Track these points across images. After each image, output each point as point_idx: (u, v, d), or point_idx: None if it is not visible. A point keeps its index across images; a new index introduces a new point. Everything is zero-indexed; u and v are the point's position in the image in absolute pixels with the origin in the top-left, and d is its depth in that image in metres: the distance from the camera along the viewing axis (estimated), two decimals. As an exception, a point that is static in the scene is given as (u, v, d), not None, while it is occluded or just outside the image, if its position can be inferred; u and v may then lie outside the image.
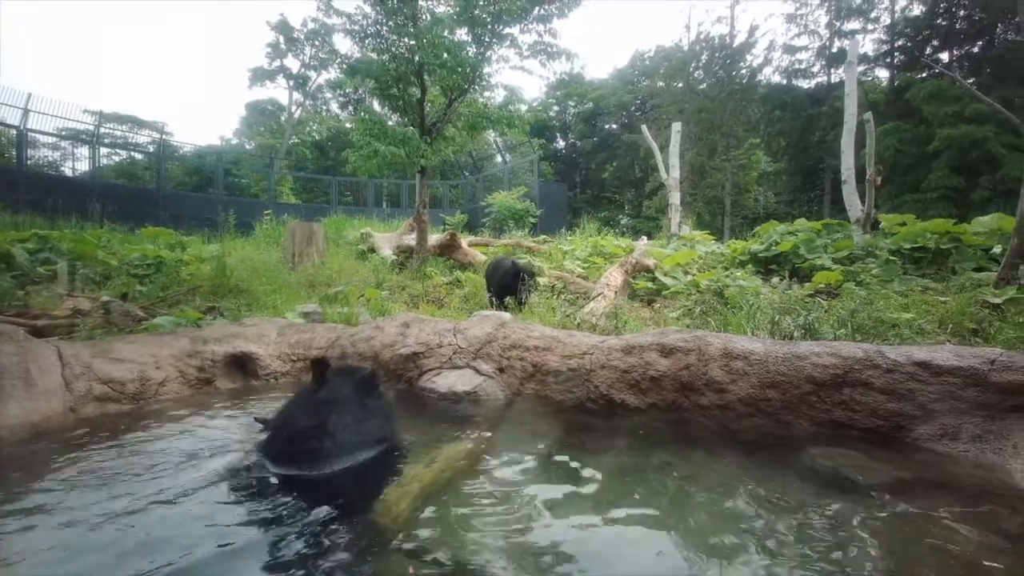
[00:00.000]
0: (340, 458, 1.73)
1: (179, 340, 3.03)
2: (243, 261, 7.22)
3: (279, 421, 1.87)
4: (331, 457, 1.71)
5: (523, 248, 10.10)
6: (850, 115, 8.41)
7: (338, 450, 1.73)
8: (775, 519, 1.56)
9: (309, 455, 1.71)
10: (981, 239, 6.36)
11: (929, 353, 2.15)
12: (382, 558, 1.38)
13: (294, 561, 1.33)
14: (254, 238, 11.79)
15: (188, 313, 4.04)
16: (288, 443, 1.75)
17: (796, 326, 3.30)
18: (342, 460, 1.73)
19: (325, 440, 1.72)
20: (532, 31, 8.24)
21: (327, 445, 1.72)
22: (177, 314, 4.06)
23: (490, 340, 3.04)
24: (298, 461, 1.72)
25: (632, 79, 39.73)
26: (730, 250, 8.30)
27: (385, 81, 8.19)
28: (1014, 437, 1.98)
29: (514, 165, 24.09)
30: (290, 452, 1.74)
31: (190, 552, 1.34)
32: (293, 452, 1.73)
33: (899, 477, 1.80)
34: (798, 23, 30.61)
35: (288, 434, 1.78)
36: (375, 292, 5.59)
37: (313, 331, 3.50)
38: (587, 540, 1.48)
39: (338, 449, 1.73)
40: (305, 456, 1.71)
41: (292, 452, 1.73)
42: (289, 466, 1.72)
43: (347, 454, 1.75)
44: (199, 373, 2.94)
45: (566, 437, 2.36)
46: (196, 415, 2.51)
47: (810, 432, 2.26)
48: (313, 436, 1.73)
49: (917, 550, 1.39)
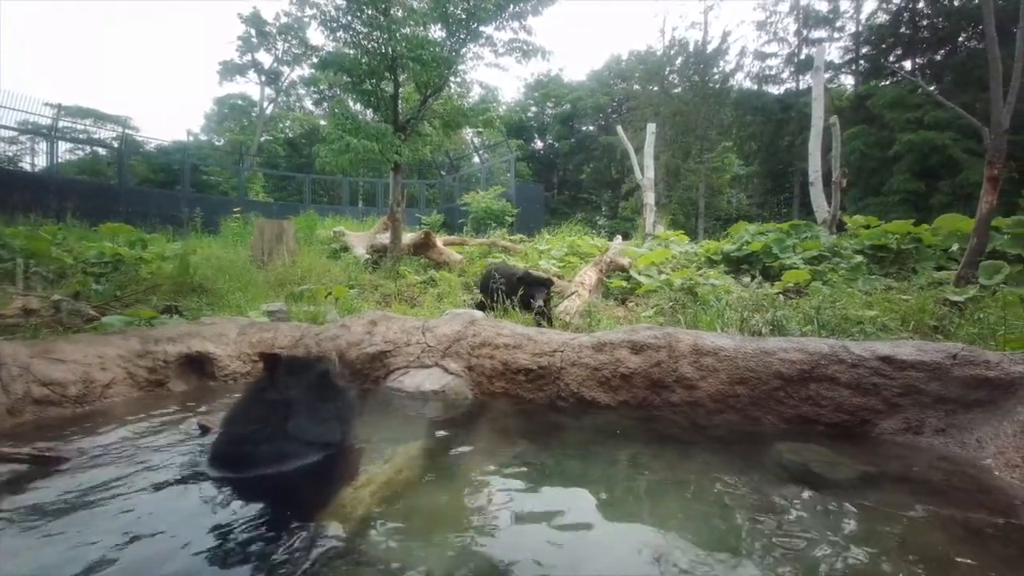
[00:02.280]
0: (291, 459, 1.64)
1: (128, 340, 2.86)
2: (208, 259, 6.97)
3: (227, 422, 1.76)
4: (281, 458, 1.62)
5: (499, 247, 10.04)
6: (817, 119, 8.63)
7: (288, 451, 1.63)
8: (743, 516, 1.53)
9: (257, 457, 1.61)
10: (940, 240, 6.58)
11: (892, 348, 2.17)
12: (332, 564, 1.30)
13: (239, 570, 1.23)
14: (222, 236, 11.43)
15: (140, 312, 3.85)
16: (235, 445, 1.65)
17: (764, 323, 3.32)
18: (293, 461, 1.64)
19: (274, 441, 1.63)
20: (507, 28, 8.19)
21: (276, 446, 1.62)
22: (129, 313, 3.86)
23: (459, 338, 2.97)
24: (245, 463, 1.62)
25: (609, 81, 40.14)
26: (703, 250, 8.41)
27: (358, 76, 8.03)
28: (977, 431, 2.01)
29: (491, 165, 24.03)
30: (237, 454, 1.64)
31: (124, 561, 1.24)
32: (240, 454, 1.63)
33: (865, 471, 1.80)
34: (768, 30, 31.48)
35: (235, 436, 1.67)
36: (344, 290, 5.45)
37: (276, 330, 3.37)
38: (552, 541, 1.43)
39: (288, 450, 1.63)
40: (252, 458, 1.61)
41: (239, 454, 1.63)
42: (236, 469, 1.62)
43: (298, 455, 1.66)
44: (149, 375, 2.78)
45: (534, 436, 2.31)
46: (141, 418, 2.36)
47: (778, 428, 2.26)
48: (262, 437, 1.63)
49: (883, 545, 1.37)
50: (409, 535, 1.44)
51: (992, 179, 5.37)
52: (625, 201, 32.52)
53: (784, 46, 31.44)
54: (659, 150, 22.93)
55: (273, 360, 1.78)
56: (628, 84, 38.30)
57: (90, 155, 25.46)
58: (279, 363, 1.79)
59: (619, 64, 40.14)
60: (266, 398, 1.73)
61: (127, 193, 17.81)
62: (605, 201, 38.13)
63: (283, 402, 1.71)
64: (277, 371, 1.77)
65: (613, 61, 40.69)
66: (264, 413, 1.69)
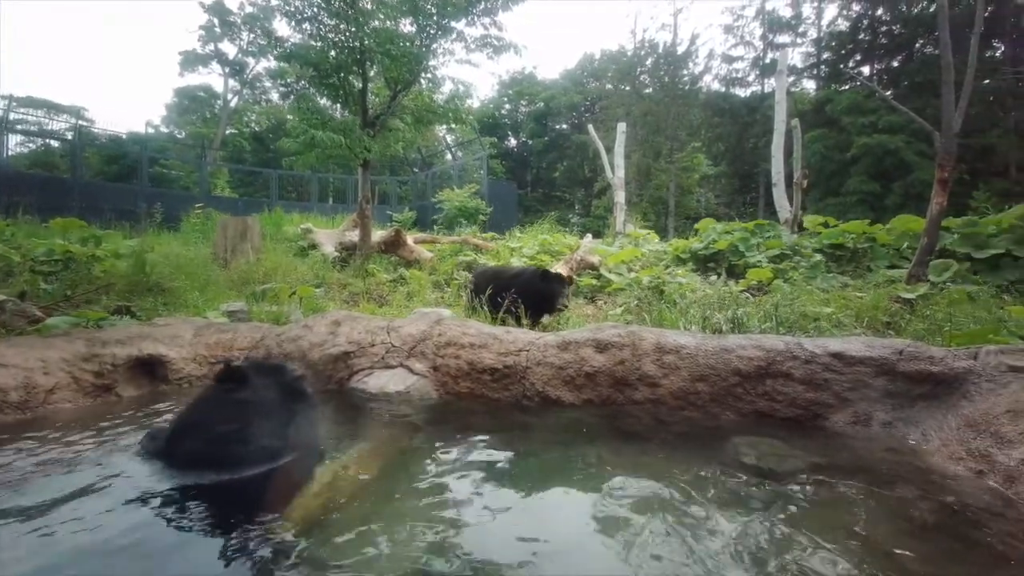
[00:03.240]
0: (245, 464, 1.58)
1: (73, 343, 2.72)
2: (167, 257, 6.70)
3: (178, 425, 1.69)
4: (234, 463, 1.56)
5: (471, 245, 9.99)
6: (780, 122, 8.89)
7: (243, 455, 1.58)
8: (700, 512, 1.56)
9: (210, 461, 1.55)
10: (893, 239, 6.87)
11: (843, 344, 2.25)
12: (285, 571, 1.26)
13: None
14: (183, 233, 11.03)
15: (89, 313, 3.67)
16: (187, 449, 1.59)
17: (725, 320, 3.40)
18: (247, 466, 1.58)
19: (228, 444, 1.57)
20: (478, 24, 8.14)
21: (230, 450, 1.57)
22: (77, 314, 3.68)
23: (425, 338, 2.93)
24: (197, 468, 1.56)
25: (582, 80, 40.44)
26: (672, 248, 8.56)
27: (324, 69, 7.85)
28: (922, 424, 2.10)
29: (464, 163, 23.86)
30: (190, 458, 1.57)
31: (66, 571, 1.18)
32: (193, 458, 1.57)
33: (815, 463, 1.86)
34: (735, 34, 32.26)
35: (188, 439, 1.61)
36: (308, 289, 5.32)
37: (235, 331, 3.27)
38: (514, 542, 1.42)
39: (243, 454, 1.58)
40: (205, 462, 1.55)
41: (192, 458, 1.57)
42: (187, 474, 1.56)
43: (253, 459, 1.60)
44: (96, 379, 2.65)
45: (499, 436, 2.30)
46: (83, 425, 2.25)
47: (736, 423, 2.31)
48: (216, 440, 1.57)
49: (831, 536, 1.42)
50: (367, 539, 1.41)
51: (942, 181, 5.63)
52: (598, 199, 32.86)
53: (750, 50, 32.31)
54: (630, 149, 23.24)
55: (231, 371, 1.71)
56: (601, 83, 38.69)
57: (42, 148, 24.15)
58: (236, 373, 1.72)
59: (592, 63, 40.50)
60: (219, 401, 1.67)
61: (82, 187, 16.96)
62: (578, 199, 38.44)
63: (238, 405, 1.65)
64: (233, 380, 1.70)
65: (586, 60, 41.04)
66: (218, 417, 1.62)
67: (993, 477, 1.69)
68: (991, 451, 1.74)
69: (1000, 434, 1.76)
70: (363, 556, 1.32)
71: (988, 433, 1.80)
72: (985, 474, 1.72)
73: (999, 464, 1.69)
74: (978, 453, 1.78)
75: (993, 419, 1.82)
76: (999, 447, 1.73)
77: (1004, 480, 1.65)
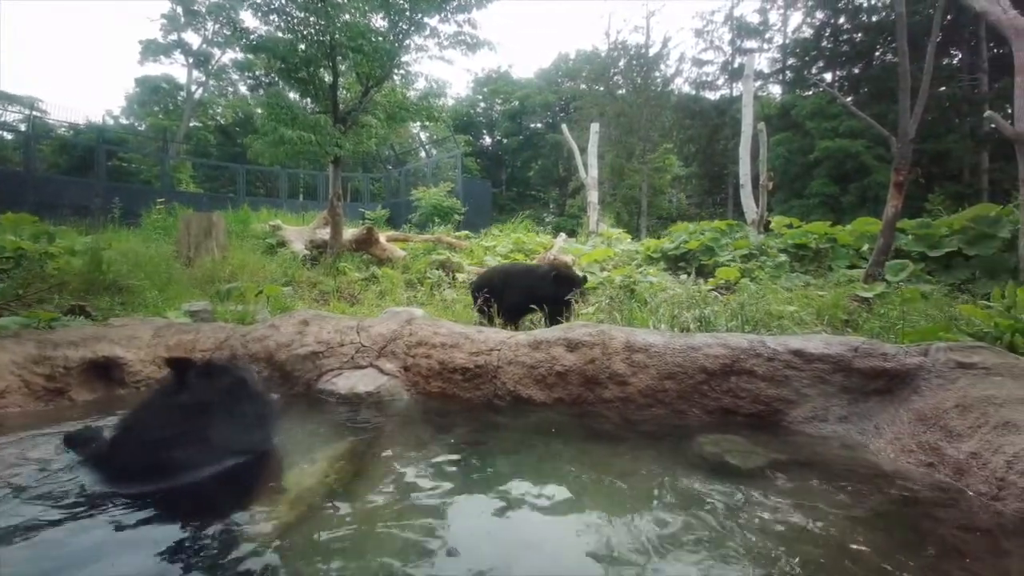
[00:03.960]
0: (198, 469, 1.53)
1: (23, 344, 2.59)
2: (125, 255, 6.43)
3: (122, 431, 1.62)
4: (187, 468, 1.51)
5: (444, 244, 9.93)
6: (747, 125, 9.12)
7: (196, 459, 1.53)
8: (665, 509, 1.59)
9: (152, 467, 1.49)
10: (853, 240, 7.14)
11: (803, 342, 2.33)
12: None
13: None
14: (143, 230, 10.61)
15: (40, 313, 3.50)
16: (132, 455, 1.52)
17: (693, 319, 3.47)
18: (201, 471, 1.53)
19: (178, 449, 1.51)
20: (452, 21, 8.08)
21: (181, 455, 1.51)
22: (28, 314, 3.50)
23: (395, 337, 2.90)
24: (145, 475, 1.49)
25: (557, 80, 40.62)
26: (644, 248, 8.70)
27: (293, 63, 7.66)
28: (875, 418, 2.18)
29: (438, 160, 23.68)
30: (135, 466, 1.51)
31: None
32: (139, 465, 1.50)
33: (775, 459, 1.91)
34: (705, 39, 32.96)
35: (133, 445, 1.54)
36: (276, 288, 5.19)
37: (198, 331, 3.16)
38: (483, 543, 1.43)
39: (196, 458, 1.53)
40: (152, 469, 1.49)
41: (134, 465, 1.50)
42: (134, 482, 1.50)
43: (208, 463, 1.55)
44: (48, 383, 2.53)
45: (470, 436, 2.29)
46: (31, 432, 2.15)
47: (702, 420, 2.36)
48: (163, 445, 1.51)
49: (791, 529, 1.46)
50: (333, 545, 1.38)
51: (898, 184, 5.88)
52: (572, 199, 33.09)
53: (720, 54, 33.06)
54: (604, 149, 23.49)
55: (180, 364, 1.65)
56: (575, 83, 38.92)
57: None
58: (187, 367, 1.66)
59: (567, 63, 40.71)
60: (168, 404, 1.61)
61: (35, 181, 16.13)
62: (553, 198, 38.62)
63: (188, 407, 1.60)
64: (185, 376, 1.64)
65: (561, 60, 41.22)
66: (167, 420, 1.56)
67: (943, 470, 1.77)
68: (941, 444, 1.83)
69: (949, 428, 1.84)
70: (330, 565, 1.30)
71: (938, 427, 1.88)
72: (935, 467, 1.80)
73: (948, 457, 1.77)
74: (928, 446, 1.87)
75: (942, 413, 1.90)
76: (948, 440, 1.81)
77: (953, 472, 1.73)
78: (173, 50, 30.19)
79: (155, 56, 30.18)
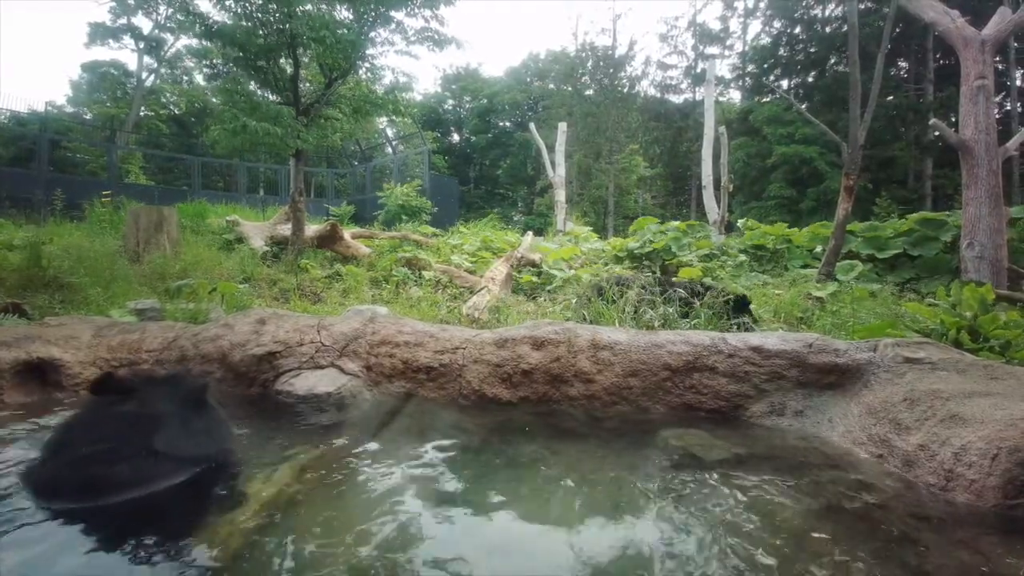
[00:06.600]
0: (143, 483, 1.43)
1: (-55, 345, 2.38)
2: (68, 250, 6.05)
3: (55, 444, 1.50)
4: (130, 483, 1.41)
5: (410, 241, 9.78)
6: (709, 128, 9.37)
7: (140, 473, 1.42)
8: (630, 504, 1.60)
9: (98, 483, 1.38)
10: (807, 241, 7.44)
11: (761, 339, 2.39)
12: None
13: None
14: (88, 223, 10.01)
15: (-32, 311, 3.24)
16: (72, 470, 1.41)
17: (656, 316, 3.53)
18: (146, 485, 1.43)
19: (120, 463, 1.41)
20: (419, 16, 7.95)
21: (122, 469, 1.41)
22: (-48, 313, 3.23)
23: (357, 336, 2.82)
24: (84, 491, 1.38)
25: (526, 79, 40.71)
26: (610, 247, 8.81)
27: (252, 52, 7.37)
28: (829, 412, 2.26)
29: (405, 157, 23.33)
30: (74, 481, 1.39)
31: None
32: (78, 480, 1.39)
33: (736, 453, 1.95)
34: (669, 43, 33.73)
35: (71, 459, 1.43)
36: (231, 286, 4.98)
37: (143, 331, 2.98)
38: (448, 548, 1.39)
39: (140, 472, 1.42)
40: (93, 484, 1.38)
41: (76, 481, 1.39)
42: (71, 498, 1.38)
43: (154, 477, 1.45)
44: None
45: (434, 437, 2.24)
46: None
47: (665, 416, 2.39)
48: (104, 459, 1.40)
49: (751, 520, 1.49)
50: (294, 560, 1.32)
51: (848, 188, 6.15)
52: (540, 197, 33.26)
53: (683, 59, 33.91)
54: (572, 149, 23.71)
55: (104, 378, 1.53)
56: (544, 83, 39.12)
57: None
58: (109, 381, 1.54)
59: (537, 63, 40.86)
60: (105, 413, 1.50)
61: (-32, 171, 15.01)
62: (521, 197, 38.72)
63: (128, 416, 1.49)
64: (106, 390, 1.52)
65: (531, 59, 41.34)
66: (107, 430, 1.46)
67: (892, 461, 1.85)
68: (890, 437, 1.90)
69: (898, 420, 1.92)
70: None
71: (887, 420, 1.96)
72: (885, 458, 1.88)
73: (897, 449, 1.85)
74: (878, 439, 1.94)
75: (891, 407, 1.99)
76: (897, 433, 1.89)
77: (903, 464, 1.80)
78: (123, 34, 28.64)
79: (103, 40, 28.54)
